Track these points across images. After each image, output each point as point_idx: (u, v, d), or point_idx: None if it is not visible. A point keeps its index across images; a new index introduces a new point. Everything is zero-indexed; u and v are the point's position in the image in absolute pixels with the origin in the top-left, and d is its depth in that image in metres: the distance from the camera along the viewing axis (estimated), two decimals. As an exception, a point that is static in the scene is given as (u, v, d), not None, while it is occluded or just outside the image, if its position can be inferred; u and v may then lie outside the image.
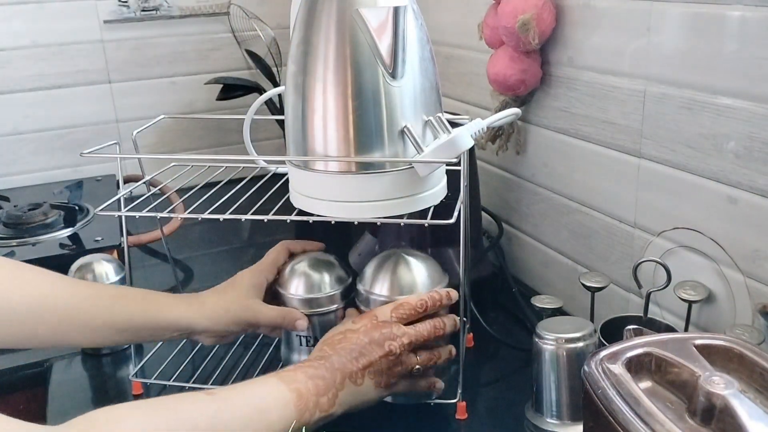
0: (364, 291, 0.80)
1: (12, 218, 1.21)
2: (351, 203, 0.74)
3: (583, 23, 0.89)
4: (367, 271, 0.81)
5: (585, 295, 0.86)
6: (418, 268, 0.79)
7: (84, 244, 1.15)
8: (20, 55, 1.42)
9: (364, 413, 0.82)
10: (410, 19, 0.72)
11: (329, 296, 0.82)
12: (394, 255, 0.81)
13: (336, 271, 0.84)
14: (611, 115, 0.87)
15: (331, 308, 0.82)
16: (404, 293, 0.77)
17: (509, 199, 1.12)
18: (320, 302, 0.81)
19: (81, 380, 0.92)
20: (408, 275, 0.79)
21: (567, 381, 0.75)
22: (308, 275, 0.82)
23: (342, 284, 0.83)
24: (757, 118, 0.69)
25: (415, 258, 0.80)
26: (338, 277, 0.83)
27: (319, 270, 0.83)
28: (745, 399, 0.50)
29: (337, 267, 0.84)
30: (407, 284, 0.78)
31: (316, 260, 0.84)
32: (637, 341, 0.59)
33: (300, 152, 0.75)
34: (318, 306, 0.81)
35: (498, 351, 0.94)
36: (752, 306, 0.73)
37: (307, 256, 0.85)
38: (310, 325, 0.81)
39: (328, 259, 0.85)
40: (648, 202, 0.84)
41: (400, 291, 0.78)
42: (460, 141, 0.73)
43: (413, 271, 0.79)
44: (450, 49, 1.21)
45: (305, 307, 0.81)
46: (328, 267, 0.83)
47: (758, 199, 0.70)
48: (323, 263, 0.84)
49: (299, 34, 0.74)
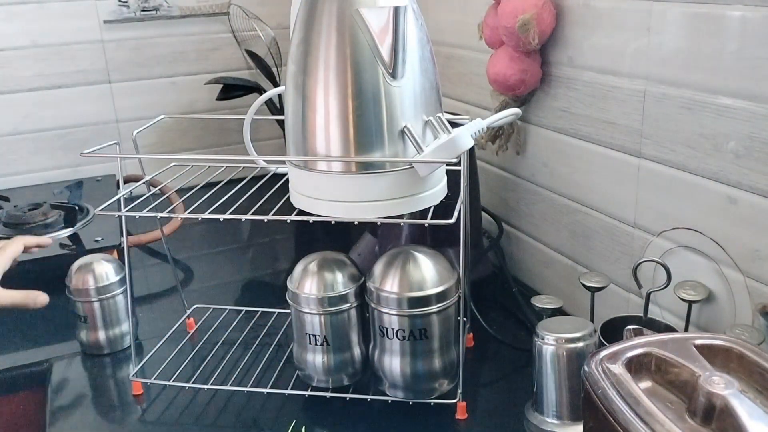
0: (374, 288, 0.79)
1: (12, 218, 1.21)
2: (351, 203, 0.74)
3: (583, 23, 0.89)
4: (377, 269, 0.80)
5: (585, 295, 0.86)
6: (426, 264, 0.79)
7: (84, 244, 1.15)
8: (20, 55, 1.42)
9: (364, 413, 0.82)
10: (410, 19, 0.72)
11: (342, 295, 0.81)
12: (403, 252, 0.80)
13: (348, 269, 0.83)
14: (611, 115, 0.87)
15: (344, 307, 0.81)
16: (413, 290, 0.77)
17: (509, 199, 1.12)
18: (333, 301, 0.81)
19: (81, 380, 0.92)
20: (417, 272, 0.78)
21: (567, 381, 0.75)
22: (321, 274, 0.82)
23: (355, 283, 0.82)
24: (757, 118, 0.69)
25: (424, 254, 0.80)
26: (351, 276, 0.83)
27: (331, 269, 0.82)
28: (745, 399, 0.50)
29: (350, 265, 0.84)
30: (416, 281, 0.78)
31: (329, 259, 0.84)
32: (637, 341, 0.59)
33: (300, 152, 0.75)
34: (331, 305, 0.81)
35: (498, 351, 0.94)
36: (752, 306, 0.73)
37: (320, 256, 0.84)
38: (324, 324, 0.81)
39: (340, 258, 0.84)
40: (648, 202, 0.84)
41: (410, 287, 0.77)
42: (460, 141, 0.73)
43: (422, 268, 0.79)
44: (450, 49, 1.21)
45: (319, 307, 0.81)
46: (340, 266, 0.83)
47: (758, 199, 0.70)
48: (336, 262, 0.83)
49: (299, 34, 0.74)
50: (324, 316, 0.81)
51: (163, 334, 0.97)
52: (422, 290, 0.77)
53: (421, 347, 0.78)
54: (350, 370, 0.84)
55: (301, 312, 0.81)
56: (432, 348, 0.79)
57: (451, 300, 0.79)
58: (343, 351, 0.82)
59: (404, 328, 0.78)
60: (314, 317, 0.81)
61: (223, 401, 0.86)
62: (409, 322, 0.77)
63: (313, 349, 0.82)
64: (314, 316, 0.81)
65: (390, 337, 0.78)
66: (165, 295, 1.16)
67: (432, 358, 0.79)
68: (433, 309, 0.77)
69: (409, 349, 0.78)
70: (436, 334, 0.78)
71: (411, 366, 0.79)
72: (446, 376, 0.81)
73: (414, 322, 0.77)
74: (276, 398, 0.85)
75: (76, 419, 0.85)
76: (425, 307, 0.77)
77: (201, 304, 1.05)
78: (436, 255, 0.81)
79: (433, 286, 0.77)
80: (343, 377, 0.84)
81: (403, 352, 0.79)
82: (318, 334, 0.82)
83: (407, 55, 0.71)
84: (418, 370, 0.79)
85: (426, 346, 0.78)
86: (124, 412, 0.85)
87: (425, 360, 0.79)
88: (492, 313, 0.99)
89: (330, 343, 0.81)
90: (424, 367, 0.79)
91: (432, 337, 0.78)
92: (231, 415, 0.83)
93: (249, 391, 0.86)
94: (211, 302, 1.05)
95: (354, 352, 0.83)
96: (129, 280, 0.92)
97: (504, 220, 1.12)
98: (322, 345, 0.82)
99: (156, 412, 0.85)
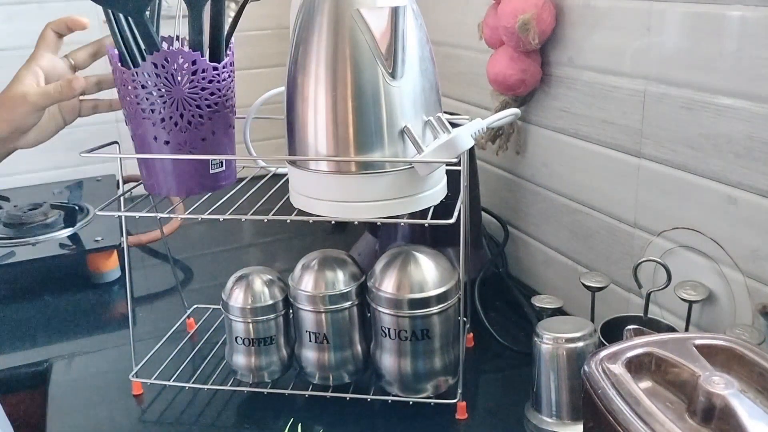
0: (374, 289, 0.79)
1: (12, 218, 1.21)
2: (351, 203, 0.74)
3: (583, 23, 0.89)
4: (377, 269, 0.80)
5: (585, 295, 0.86)
6: (427, 264, 0.79)
7: (84, 244, 1.15)
8: (20, 55, 1.41)
9: (364, 413, 0.82)
10: (410, 19, 0.72)
11: (343, 293, 0.81)
12: (403, 252, 0.80)
13: (349, 268, 0.83)
14: (611, 115, 0.87)
15: (344, 305, 0.81)
16: (414, 291, 0.77)
17: (509, 199, 1.12)
18: (334, 299, 0.81)
19: (81, 380, 0.92)
20: (417, 272, 0.78)
21: (567, 381, 0.75)
22: (321, 272, 0.81)
23: (355, 281, 0.82)
24: (757, 118, 0.69)
25: (424, 254, 0.80)
26: (352, 274, 0.82)
27: (332, 267, 0.82)
28: (745, 399, 0.50)
29: (351, 264, 0.83)
30: (417, 282, 0.77)
31: (329, 257, 0.83)
32: (637, 341, 0.59)
33: (300, 152, 0.75)
34: (332, 303, 0.81)
35: (498, 351, 0.94)
36: (752, 306, 0.73)
37: (320, 254, 0.84)
38: (324, 322, 0.81)
39: (341, 256, 0.84)
40: (648, 202, 0.84)
41: (410, 288, 0.77)
42: (459, 141, 0.73)
43: (422, 268, 0.79)
44: (450, 49, 1.21)
45: (317, 305, 0.81)
46: (341, 264, 0.83)
47: (758, 199, 0.70)
48: (336, 260, 0.83)
49: (299, 34, 0.74)
50: (325, 314, 0.81)
51: (163, 334, 0.97)
52: (423, 292, 0.77)
53: (422, 347, 0.78)
54: (351, 368, 0.84)
55: (301, 309, 0.82)
56: (433, 348, 0.79)
57: (451, 301, 0.79)
58: (343, 349, 0.82)
59: (405, 329, 0.78)
60: (314, 315, 0.81)
61: (223, 401, 0.86)
62: (410, 323, 0.77)
63: (307, 346, 0.83)
64: (314, 314, 0.81)
65: (392, 338, 0.78)
66: (165, 295, 1.16)
67: (433, 357, 0.79)
68: (435, 310, 0.77)
69: (410, 349, 0.78)
70: (437, 333, 0.79)
71: (412, 365, 0.79)
72: (447, 375, 0.81)
73: (415, 323, 0.77)
74: (276, 398, 0.85)
75: (76, 419, 0.85)
76: (426, 309, 0.77)
77: (201, 304, 1.05)
78: (436, 255, 0.81)
79: (434, 287, 0.77)
80: (344, 374, 0.84)
81: (404, 352, 0.79)
82: (318, 332, 0.82)
83: (407, 55, 0.71)
84: (418, 370, 0.79)
85: (427, 347, 0.78)
86: (123, 412, 0.85)
87: (426, 360, 0.79)
88: (492, 313, 0.99)
89: (330, 341, 0.81)
90: (425, 367, 0.79)
91: (433, 338, 0.78)
92: (231, 415, 0.83)
93: (249, 391, 0.86)
94: (211, 302, 1.05)
95: (355, 350, 0.83)
96: (129, 280, 0.92)
97: (504, 220, 1.12)
98: (319, 342, 0.82)
99: (156, 412, 0.85)
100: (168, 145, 0.80)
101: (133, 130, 0.83)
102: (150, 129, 0.80)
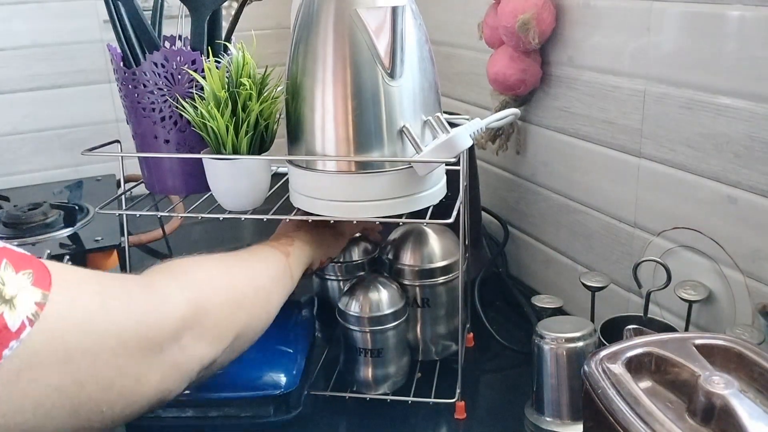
0: (387, 261, 0.87)
1: (12, 218, 1.21)
2: (350, 203, 0.74)
3: (583, 23, 0.89)
4: (391, 242, 0.88)
5: (585, 295, 0.86)
6: (434, 239, 0.87)
7: (84, 244, 1.15)
8: (20, 55, 1.42)
9: (363, 413, 0.82)
10: (409, 19, 0.72)
11: (357, 264, 0.90)
12: (415, 228, 0.88)
13: (362, 243, 0.91)
14: (611, 114, 0.87)
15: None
16: (425, 263, 0.85)
17: (509, 199, 1.12)
18: (348, 269, 0.90)
19: (81, 380, 0.92)
20: (427, 246, 0.86)
21: (567, 381, 0.75)
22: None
23: (367, 255, 0.91)
24: (757, 118, 0.69)
25: (434, 231, 0.88)
26: (365, 249, 0.91)
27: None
28: (745, 399, 0.50)
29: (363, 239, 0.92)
30: (427, 254, 0.85)
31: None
32: (637, 341, 0.59)
33: (299, 152, 0.75)
34: (347, 273, 0.90)
35: (498, 351, 0.94)
36: (752, 306, 0.73)
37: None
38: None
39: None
40: (648, 202, 0.84)
41: (422, 260, 0.85)
42: (458, 141, 0.73)
43: (431, 242, 0.86)
44: (450, 49, 1.21)
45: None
46: (353, 239, 0.91)
47: (758, 199, 0.70)
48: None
49: (299, 34, 0.74)
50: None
51: (163, 333, 0.97)
52: (432, 263, 0.85)
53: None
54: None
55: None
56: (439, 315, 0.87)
57: (455, 274, 0.85)
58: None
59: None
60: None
61: (223, 401, 0.85)
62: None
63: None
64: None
65: None
66: (165, 294, 1.16)
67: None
68: (440, 280, 0.86)
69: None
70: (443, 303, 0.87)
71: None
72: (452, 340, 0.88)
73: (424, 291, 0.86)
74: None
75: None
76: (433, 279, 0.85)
77: (201, 303, 1.05)
78: (445, 230, 0.88)
79: (442, 260, 0.85)
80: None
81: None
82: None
83: (405, 55, 0.71)
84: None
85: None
86: (123, 411, 0.85)
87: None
88: (492, 312, 0.99)
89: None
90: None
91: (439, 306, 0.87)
92: (231, 414, 0.83)
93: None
94: (210, 302, 1.04)
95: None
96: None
97: (504, 220, 1.12)
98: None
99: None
100: (168, 143, 0.81)
101: (134, 129, 0.83)
102: (150, 128, 0.80)
